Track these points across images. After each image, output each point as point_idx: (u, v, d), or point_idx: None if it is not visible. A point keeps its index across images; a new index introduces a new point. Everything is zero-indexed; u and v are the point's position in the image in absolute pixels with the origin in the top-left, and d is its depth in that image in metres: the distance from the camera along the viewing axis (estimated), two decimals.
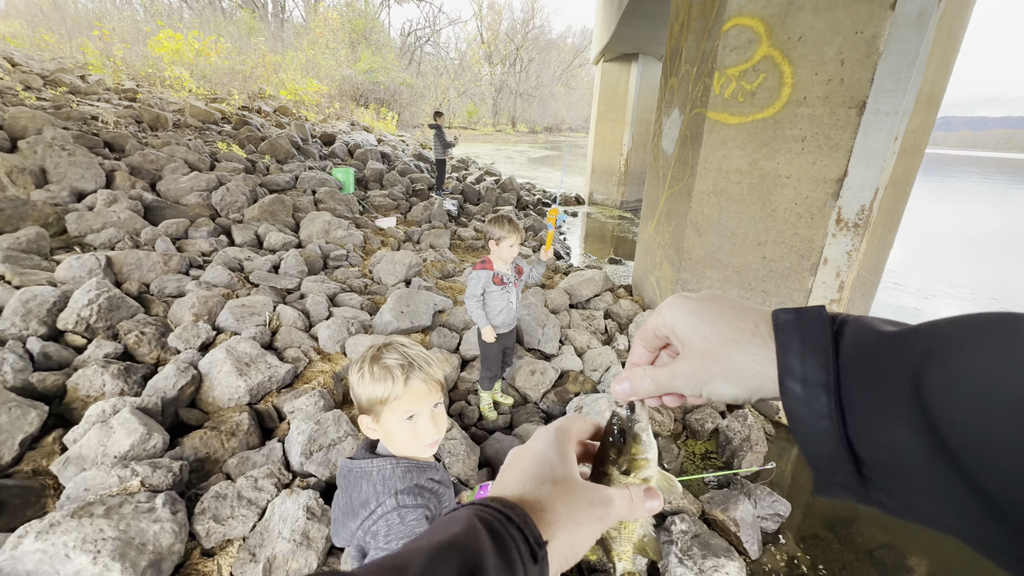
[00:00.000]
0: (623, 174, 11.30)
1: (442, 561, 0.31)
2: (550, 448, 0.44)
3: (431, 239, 5.95)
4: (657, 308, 0.45)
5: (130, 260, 3.44)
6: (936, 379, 0.28)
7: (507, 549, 0.34)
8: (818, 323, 0.34)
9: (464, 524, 0.35)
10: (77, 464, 1.83)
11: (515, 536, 0.35)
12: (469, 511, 0.37)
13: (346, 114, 16.74)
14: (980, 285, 7.12)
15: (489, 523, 0.35)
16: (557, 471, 0.42)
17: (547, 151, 28.84)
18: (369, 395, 0.98)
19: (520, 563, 0.34)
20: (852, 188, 2.75)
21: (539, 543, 0.36)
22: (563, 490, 0.41)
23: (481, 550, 0.32)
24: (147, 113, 7.75)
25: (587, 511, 0.40)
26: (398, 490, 0.95)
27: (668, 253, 4.00)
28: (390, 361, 0.99)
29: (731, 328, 0.39)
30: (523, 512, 0.37)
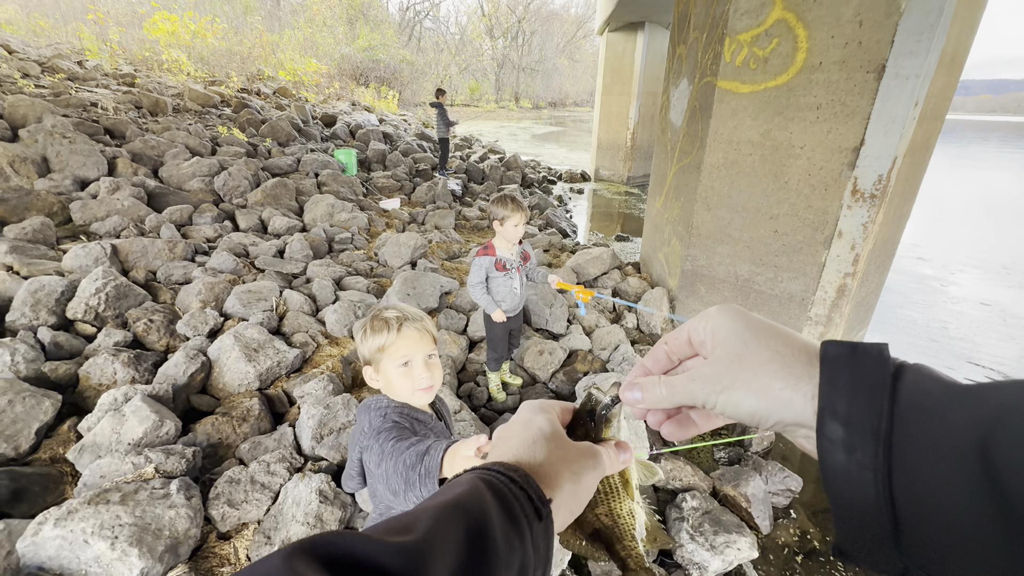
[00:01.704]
0: (629, 149, 11.07)
1: (448, 520, 0.31)
2: (534, 414, 0.45)
3: (436, 220, 5.90)
4: (703, 312, 0.41)
5: (135, 248, 3.44)
6: (1010, 441, 0.24)
7: (512, 508, 0.35)
8: (876, 362, 0.30)
9: (468, 486, 0.35)
10: (92, 452, 1.86)
11: (518, 496, 0.36)
12: (472, 475, 0.38)
13: (346, 94, 16.49)
14: (1011, 260, 6.69)
15: (492, 484, 0.36)
16: (546, 430, 0.43)
17: (551, 127, 28.33)
18: (369, 346, 1.11)
19: (525, 521, 0.35)
20: (869, 157, 2.65)
21: (542, 500, 0.37)
22: (555, 446, 0.42)
23: (486, 510, 0.33)
24: (146, 98, 7.67)
25: (581, 461, 0.42)
26: (392, 414, 1.08)
27: (677, 229, 3.92)
28: (387, 315, 1.13)
29: (777, 342, 0.35)
30: (524, 472, 0.38)
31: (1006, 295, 5.35)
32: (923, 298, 5.24)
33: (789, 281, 3.14)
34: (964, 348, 4.15)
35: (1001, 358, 3.97)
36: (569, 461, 0.41)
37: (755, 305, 3.36)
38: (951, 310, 4.94)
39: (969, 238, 7.69)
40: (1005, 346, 4.17)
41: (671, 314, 2.48)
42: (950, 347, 4.17)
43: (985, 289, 5.52)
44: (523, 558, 0.34)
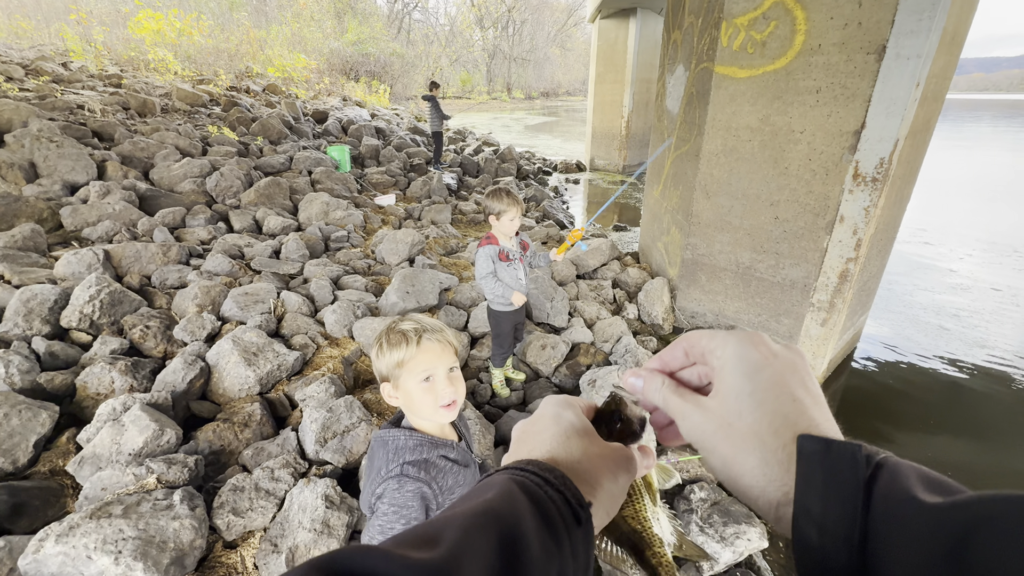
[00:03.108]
0: (624, 137, 10.99)
1: (478, 529, 0.28)
2: (563, 409, 0.42)
3: (432, 215, 5.84)
4: (725, 334, 0.38)
5: (129, 253, 3.38)
6: (986, 553, 0.24)
7: (549, 513, 0.32)
8: (850, 464, 0.29)
9: (499, 489, 0.33)
10: (92, 463, 1.83)
11: (555, 499, 0.33)
12: (504, 476, 0.35)
13: (337, 89, 16.31)
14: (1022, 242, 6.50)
15: (526, 486, 0.33)
16: (578, 425, 0.41)
17: (545, 117, 28.12)
18: (387, 362, 1.04)
19: (563, 526, 0.32)
20: (870, 140, 2.61)
21: (581, 503, 0.34)
22: (591, 442, 0.40)
23: (519, 515, 0.30)
24: (134, 99, 7.55)
25: (618, 461, 0.39)
26: (406, 460, 1.01)
27: (676, 218, 3.89)
28: (404, 327, 1.06)
29: (769, 424, 0.33)
30: (561, 473, 0.35)
31: (1017, 279, 5.22)
32: (932, 284, 5.13)
33: (791, 267, 3.12)
34: (977, 335, 4.06)
35: (1016, 345, 3.90)
36: (606, 459, 0.39)
37: (757, 292, 3.33)
38: (961, 296, 4.82)
39: (976, 221, 7.49)
40: (1020, 332, 4.09)
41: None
42: (963, 335, 4.08)
43: (995, 273, 5.38)
44: (560, 567, 0.31)
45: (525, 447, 0.40)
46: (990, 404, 3.26)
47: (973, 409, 3.22)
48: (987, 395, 3.34)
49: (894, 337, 4.07)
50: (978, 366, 3.64)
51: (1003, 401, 3.28)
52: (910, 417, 3.16)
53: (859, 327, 3.75)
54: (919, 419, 3.14)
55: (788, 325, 3.24)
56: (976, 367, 3.63)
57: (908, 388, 3.45)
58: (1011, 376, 3.52)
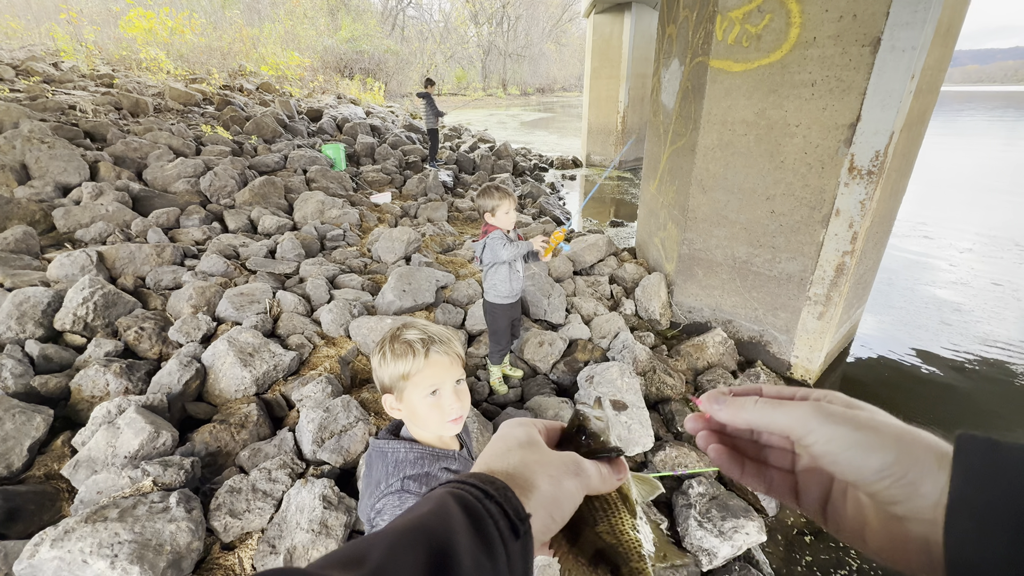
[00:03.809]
0: (620, 133, 10.97)
1: (405, 547, 0.28)
2: (513, 428, 0.43)
3: (428, 213, 5.82)
4: (800, 410, 0.35)
5: (122, 254, 3.36)
6: None
7: (484, 527, 0.31)
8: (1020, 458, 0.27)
9: (435, 503, 0.32)
10: (88, 467, 1.82)
11: (493, 512, 0.32)
12: (442, 490, 0.35)
13: (331, 87, 16.22)
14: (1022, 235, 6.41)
15: (463, 500, 0.33)
16: (522, 439, 0.41)
17: (540, 113, 28.05)
18: (391, 373, 0.99)
19: (500, 540, 0.31)
20: (866, 133, 2.61)
21: (520, 516, 0.33)
22: (531, 452, 0.39)
23: (451, 530, 0.30)
24: (126, 99, 7.49)
25: (560, 466, 0.38)
26: (406, 475, 0.97)
27: (672, 213, 3.88)
28: (410, 336, 1.00)
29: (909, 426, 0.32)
30: (503, 485, 0.35)
31: (1018, 273, 5.19)
32: (932, 278, 5.10)
33: (787, 261, 3.12)
34: (980, 330, 4.04)
35: (1018, 339, 3.89)
36: (546, 464, 0.38)
37: (754, 286, 3.33)
38: (962, 291, 4.80)
39: (975, 214, 7.43)
40: (1021, 327, 4.07)
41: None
42: (965, 329, 4.06)
43: (996, 268, 5.35)
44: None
45: (472, 467, 0.41)
46: (991, 397, 3.26)
47: (974, 402, 3.22)
48: (988, 389, 3.34)
49: (895, 332, 4.07)
50: (979, 360, 3.64)
51: (1005, 394, 3.28)
52: (910, 410, 3.17)
53: (855, 320, 3.76)
54: (920, 412, 3.14)
55: (785, 319, 3.24)
56: (977, 361, 3.63)
57: (908, 382, 3.45)
58: (1013, 370, 3.51)
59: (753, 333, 3.47)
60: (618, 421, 2.40)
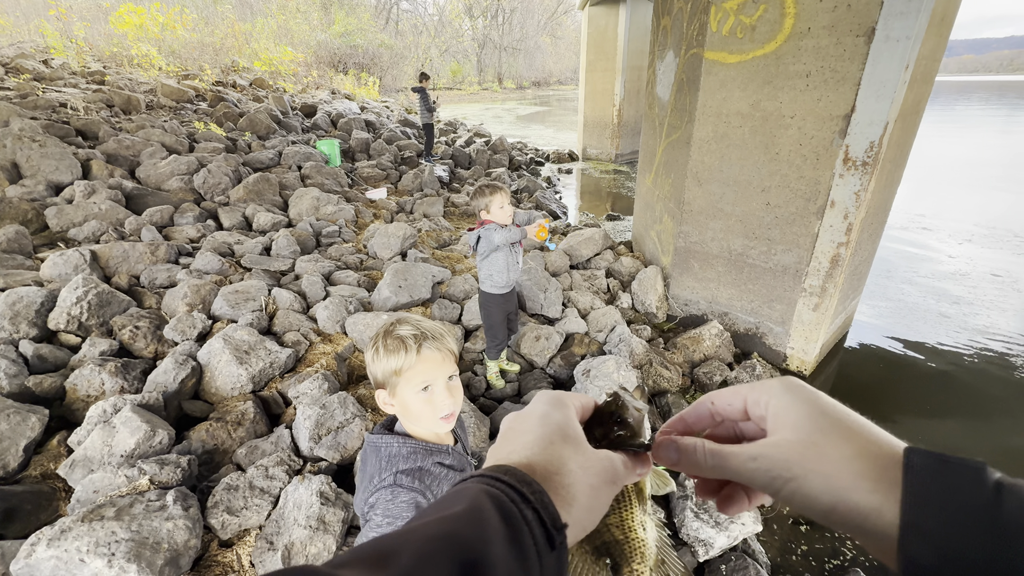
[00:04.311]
0: (616, 126, 10.93)
1: (435, 556, 0.26)
2: (553, 408, 0.39)
3: (424, 208, 5.81)
4: (765, 383, 0.37)
5: (116, 253, 3.34)
6: None
7: (520, 535, 0.29)
8: (973, 481, 0.27)
9: (469, 504, 0.30)
10: (84, 466, 1.81)
11: (529, 519, 0.30)
12: (478, 487, 0.32)
13: (325, 82, 16.11)
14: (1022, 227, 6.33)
15: (500, 503, 0.30)
16: (567, 430, 0.38)
17: (536, 107, 27.94)
18: (384, 368, 0.99)
19: (535, 552, 0.29)
20: (860, 124, 2.61)
21: (557, 526, 0.31)
22: (574, 450, 0.37)
23: (486, 539, 0.28)
24: (118, 96, 7.42)
25: (601, 474, 0.36)
26: (399, 469, 0.97)
27: (668, 206, 3.88)
28: (403, 332, 1.00)
29: (860, 438, 0.32)
30: (539, 489, 0.32)
31: (1018, 264, 5.17)
32: (931, 269, 5.09)
33: (783, 253, 3.12)
34: (979, 322, 4.03)
35: (1016, 330, 3.88)
36: (589, 471, 0.36)
37: (749, 279, 3.34)
38: (961, 282, 4.78)
39: (974, 205, 7.39)
40: (1020, 318, 4.07)
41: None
42: (963, 321, 4.05)
43: (995, 259, 5.32)
44: None
45: (508, 446, 0.38)
46: (989, 388, 3.27)
47: (971, 392, 3.23)
48: (986, 379, 3.35)
49: (893, 323, 4.07)
50: (977, 351, 3.65)
51: (1003, 385, 3.29)
52: (906, 400, 3.19)
53: (851, 311, 3.77)
54: (916, 402, 3.16)
55: (780, 311, 3.25)
56: (975, 352, 3.63)
57: (905, 372, 3.46)
58: (1012, 361, 3.51)
59: (749, 325, 3.48)
60: None
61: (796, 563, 2.09)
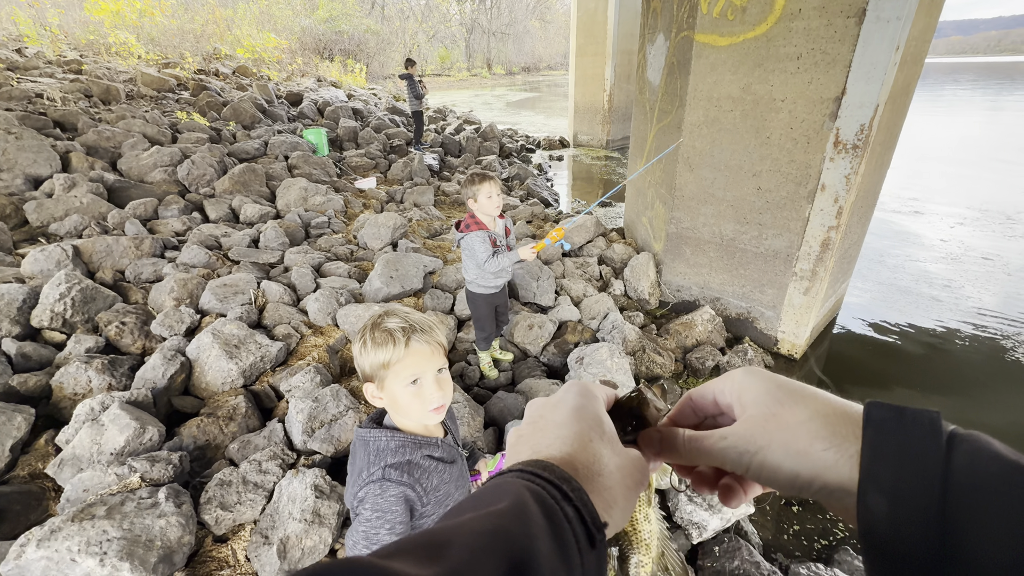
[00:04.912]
0: (607, 111, 10.85)
1: (485, 551, 0.26)
2: (588, 402, 0.39)
3: (414, 197, 5.74)
4: (727, 374, 0.39)
5: (99, 247, 3.27)
6: None
7: (562, 533, 0.29)
8: (928, 431, 0.28)
9: (513, 500, 0.30)
10: (73, 465, 1.79)
11: (571, 517, 0.30)
12: (519, 483, 0.32)
13: (311, 70, 15.79)
14: (1014, 209, 6.25)
15: (542, 500, 0.30)
16: (603, 426, 0.38)
17: (526, 93, 27.63)
18: (372, 361, 0.98)
19: (577, 550, 0.29)
20: (851, 106, 2.60)
21: (598, 525, 0.31)
22: (612, 451, 0.37)
23: (532, 535, 0.28)
24: (96, 86, 7.22)
25: (634, 475, 0.36)
26: (388, 463, 0.97)
27: (660, 192, 3.86)
28: (391, 324, 0.98)
29: (815, 402, 0.33)
30: (579, 486, 0.32)
31: (1008, 247, 5.17)
32: (924, 254, 5.10)
33: (774, 238, 3.13)
34: (969, 305, 4.05)
35: (1010, 315, 3.91)
36: (627, 473, 0.36)
37: (741, 264, 3.35)
38: (953, 266, 4.79)
39: (965, 188, 7.36)
40: (1012, 303, 4.09)
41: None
42: (956, 304, 4.07)
43: (987, 242, 5.33)
44: None
45: (543, 439, 0.37)
46: (979, 369, 3.30)
47: (961, 374, 3.27)
48: (976, 361, 3.38)
49: (884, 307, 4.08)
50: (968, 334, 3.67)
51: (993, 366, 3.33)
52: (895, 381, 3.23)
53: (840, 294, 3.81)
54: (905, 382, 3.20)
55: (772, 295, 3.27)
56: (966, 335, 3.66)
57: (895, 354, 3.49)
58: (1002, 344, 3.55)
59: (741, 310, 3.50)
60: None
61: (787, 542, 2.13)
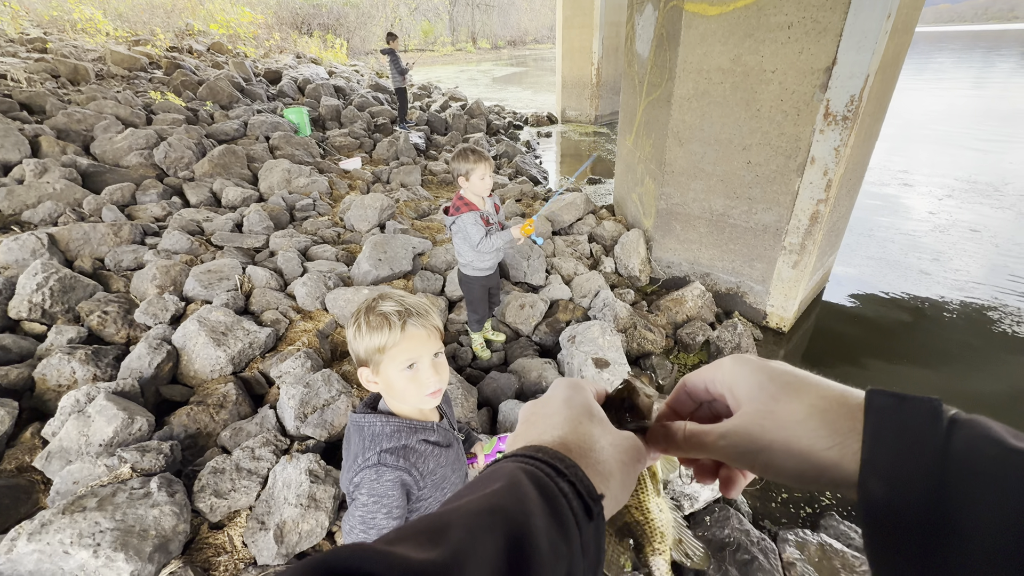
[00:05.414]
0: (595, 85, 10.66)
1: (483, 530, 0.27)
2: (576, 392, 0.41)
3: (401, 177, 5.64)
4: (716, 362, 0.40)
5: (76, 235, 3.17)
6: None
7: (559, 508, 0.30)
8: (927, 416, 0.28)
9: (508, 481, 0.31)
10: (61, 457, 1.76)
11: (566, 491, 0.31)
12: (513, 465, 0.33)
13: (289, 46, 15.26)
14: (1001, 180, 6.25)
15: (536, 478, 0.32)
16: (592, 410, 0.39)
17: (513, 68, 27.03)
18: (367, 345, 0.96)
19: (574, 521, 0.30)
20: (841, 77, 2.57)
21: (593, 496, 0.32)
22: (602, 429, 0.38)
23: (527, 512, 0.29)
24: (63, 65, 6.91)
25: (629, 451, 0.37)
26: (383, 448, 0.96)
27: (649, 167, 3.83)
28: (386, 308, 0.96)
29: (810, 395, 0.33)
30: (572, 463, 0.34)
31: (996, 218, 5.20)
32: (912, 227, 5.12)
33: (763, 212, 3.13)
34: (958, 278, 4.07)
35: (998, 286, 3.95)
36: (619, 448, 0.37)
37: (731, 239, 3.35)
38: (941, 238, 4.82)
39: (953, 159, 7.35)
40: (1000, 273, 4.12)
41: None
42: (944, 277, 4.10)
43: (975, 214, 5.35)
44: (570, 565, 0.29)
45: (535, 430, 0.38)
46: (966, 339, 3.35)
47: (948, 344, 3.32)
48: (963, 331, 3.43)
49: (873, 280, 4.11)
50: (956, 306, 3.71)
51: (980, 336, 3.38)
52: (882, 352, 3.28)
53: (828, 267, 3.84)
54: (891, 353, 3.25)
55: (761, 270, 3.29)
56: (954, 307, 3.70)
57: (882, 326, 3.54)
58: (988, 315, 3.59)
59: (730, 285, 3.52)
60: (601, 378, 2.44)
61: (775, 510, 2.19)
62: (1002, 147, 7.97)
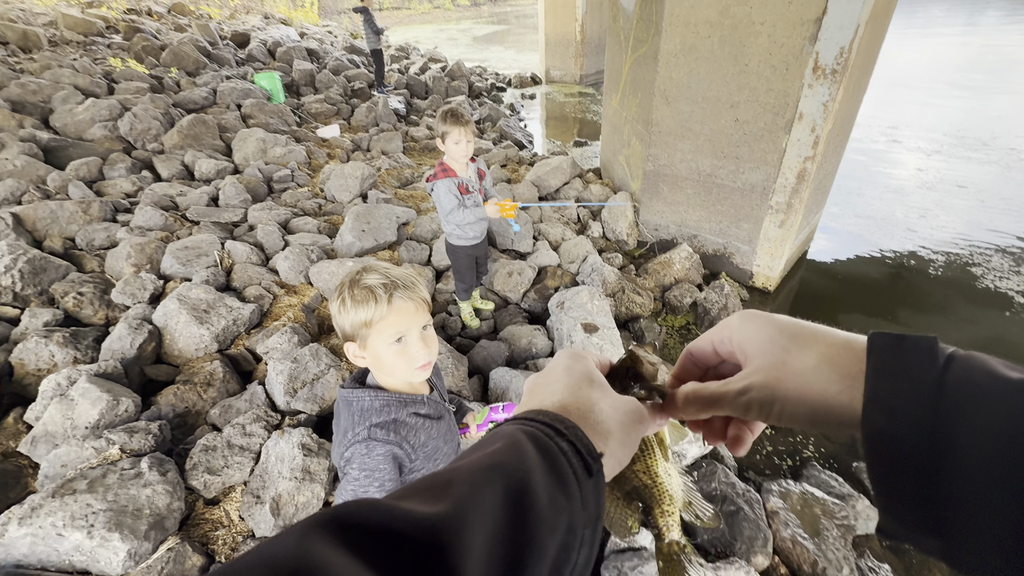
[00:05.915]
0: (580, 43, 10.30)
1: (484, 484, 0.28)
2: (575, 361, 0.42)
3: (381, 144, 5.46)
4: (724, 322, 0.40)
5: (42, 214, 3.04)
6: None
7: (558, 465, 0.31)
8: (925, 352, 0.29)
9: (507, 441, 0.32)
10: (47, 441, 1.74)
11: (565, 449, 0.32)
12: (513, 426, 0.34)
13: (256, 5, 14.42)
14: (989, 135, 6.21)
15: (535, 437, 0.33)
16: (592, 376, 0.41)
17: (494, 26, 25.97)
18: (352, 320, 0.94)
19: (574, 478, 0.31)
20: (831, 28, 2.49)
21: (592, 454, 0.33)
22: (602, 393, 0.39)
23: (527, 468, 0.30)
24: (11, 31, 6.47)
25: (629, 413, 0.39)
26: (373, 423, 0.96)
27: (636, 128, 3.74)
28: (371, 281, 0.94)
29: (818, 343, 0.34)
30: (572, 423, 0.35)
31: (982, 173, 5.18)
32: (899, 184, 5.10)
33: (751, 171, 3.10)
34: (944, 236, 4.09)
35: (982, 241, 3.98)
36: (618, 410, 0.38)
37: (718, 199, 3.33)
38: (928, 195, 4.81)
39: (941, 114, 7.28)
40: (984, 229, 4.14)
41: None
42: (930, 235, 4.12)
43: (962, 169, 5.33)
44: (570, 519, 0.30)
45: (536, 398, 0.40)
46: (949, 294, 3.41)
47: (932, 299, 3.38)
48: (947, 286, 3.48)
49: (861, 238, 4.13)
50: (939, 262, 3.74)
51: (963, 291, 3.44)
52: (863, 307, 3.34)
53: (814, 225, 3.86)
54: (875, 309, 3.31)
55: (747, 230, 3.28)
56: (938, 263, 3.73)
57: (866, 283, 3.58)
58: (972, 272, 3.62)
59: (717, 246, 3.52)
60: (590, 343, 2.45)
61: (760, 463, 2.27)
62: (991, 99, 7.93)
